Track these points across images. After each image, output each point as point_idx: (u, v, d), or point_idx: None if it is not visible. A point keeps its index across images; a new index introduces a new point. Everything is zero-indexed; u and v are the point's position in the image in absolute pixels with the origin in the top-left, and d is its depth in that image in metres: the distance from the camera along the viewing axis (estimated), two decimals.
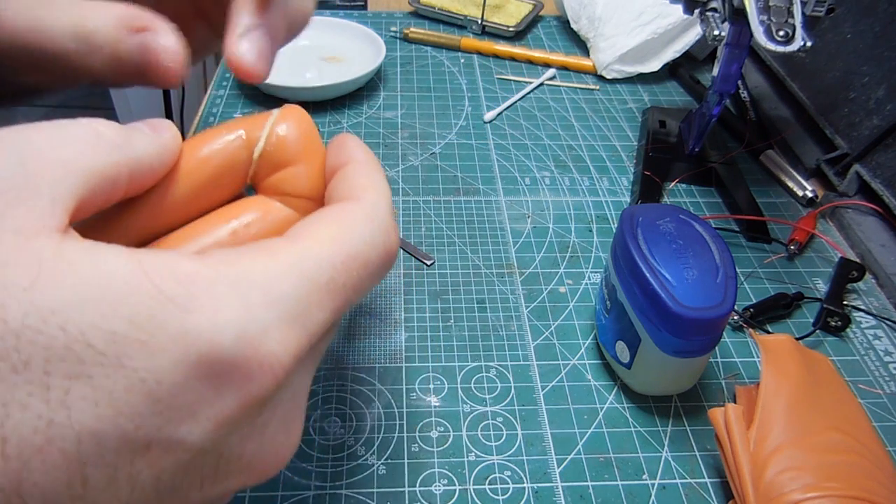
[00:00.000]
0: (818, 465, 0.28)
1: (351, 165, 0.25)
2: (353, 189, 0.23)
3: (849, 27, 0.51)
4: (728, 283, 0.31)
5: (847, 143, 0.49)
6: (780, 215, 0.48)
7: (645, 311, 0.31)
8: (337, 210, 0.22)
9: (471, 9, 0.68)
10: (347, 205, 0.23)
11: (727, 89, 0.45)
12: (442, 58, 0.64)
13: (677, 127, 0.53)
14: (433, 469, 0.32)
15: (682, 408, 0.36)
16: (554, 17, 0.71)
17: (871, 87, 0.48)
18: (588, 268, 0.43)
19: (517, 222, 0.46)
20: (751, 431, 0.30)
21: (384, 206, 0.23)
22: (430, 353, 0.37)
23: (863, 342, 0.40)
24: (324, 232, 0.21)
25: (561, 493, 0.31)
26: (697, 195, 0.50)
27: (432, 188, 0.48)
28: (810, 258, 0.45)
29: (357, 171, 0.25)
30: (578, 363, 0.37)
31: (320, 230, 0.21)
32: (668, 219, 0.34)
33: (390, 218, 0.24)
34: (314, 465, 0.32)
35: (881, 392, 0.37)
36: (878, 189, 0.46)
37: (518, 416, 0.35)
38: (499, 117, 0.56)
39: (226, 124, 0.24)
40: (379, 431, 0.33)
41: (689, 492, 0.32)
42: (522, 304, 0.41)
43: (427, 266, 0.42)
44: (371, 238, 0.22)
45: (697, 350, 0.32)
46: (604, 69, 0.61)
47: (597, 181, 0.50)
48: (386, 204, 0.24)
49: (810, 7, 0.38)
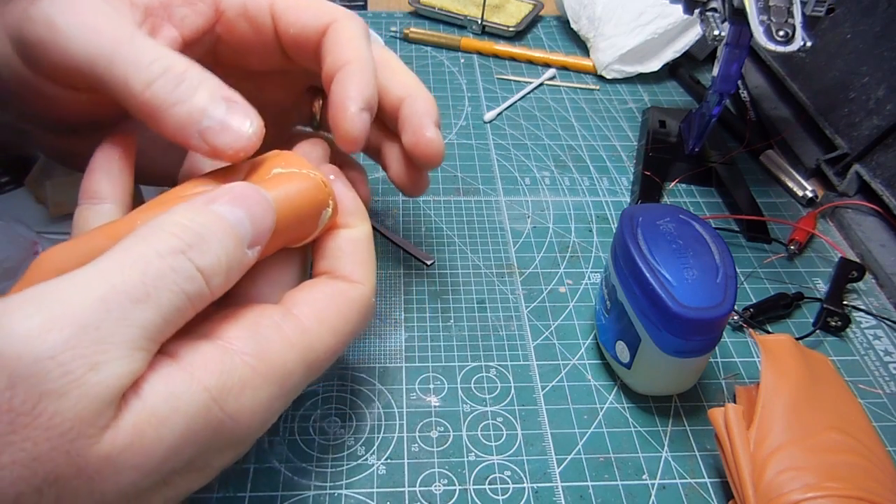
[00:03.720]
0: (818, 465, 0.28)
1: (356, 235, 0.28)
2: (354, 268, 0.27)
3: (849, 27, 0.51)
4: (728, 283, 0.31)
5: (847, 143, 0.49)
6: (780, 215, 0.48)
7: (645, 311, 0.31)
8: (339, 296, 0.26)
9: (471, 9, 0.68)
10: (349, 291, 0.26)
11: (727, 89, 0.45)
12: (442, 58, 0.64)
13: (677, 127, 0.53)
14: (433, 469, 0.32)
15: (682, 408, 0.36)
16: (554, 17, 0.71)
17: (871, 87, 0.48)
18: (588, 268, 0.43)
19: (517, 222, 0.46)
20: (751, 431, 0.30)
21: (375, 292, 0.27)
22: (430, 353, 0.37)
23: (863, 342, 0.40)
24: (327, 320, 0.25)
25: (561, 493, 0.31)
26: (697, 195, 0.50)
27: (432, 188, 0.48)
28: (810, 258, 0.45)
29: (361, 247, 0.28)
30: (578, 363, 0.37)
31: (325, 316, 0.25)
32: (668, 219, 0.34)
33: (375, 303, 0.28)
34: (314, 465, 0.32)
35: (881, 392, 0.37)
36: (878, 189, 0.46)
37: (518, 416, 0.35)
38: (499, 117, 0.56)
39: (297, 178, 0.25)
40: (379, 431, 0.33)
41: (689, 492, 0.32)
42: (522, 304, 0.41)
43: (427, 266, 0.42)
44: (358, 329, 0.26)
45: (697, 350, 0.32)
46: (604, 69, 0.61)
47: (597, 181, 0.50)
48: (375, 289, 0.28)
49: (810, 7, 0.38)
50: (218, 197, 0.22)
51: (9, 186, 0.42)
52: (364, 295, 0.26)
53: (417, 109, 0.31)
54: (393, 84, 0.32)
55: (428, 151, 0.31)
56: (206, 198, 0.22)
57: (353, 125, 0.27)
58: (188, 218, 0.21)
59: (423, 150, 0.31)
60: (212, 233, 0.21)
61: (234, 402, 0.21)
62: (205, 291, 0.21)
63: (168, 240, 0.20)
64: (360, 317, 0.26)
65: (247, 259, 0.22)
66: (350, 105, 0.27)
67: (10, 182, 0.42)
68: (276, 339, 0.23)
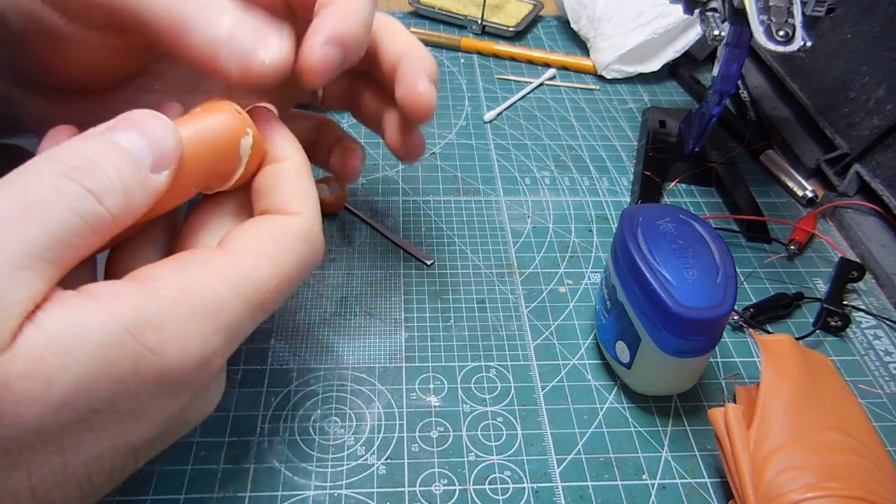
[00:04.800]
0: (818, 465, 0.28)
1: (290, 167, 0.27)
2: (290, 199, 0.26)
3: (849, 27, 0.51)
4: (728, 283, 0.31)
5: (847, 143, 0.49)
6: (780, 215, 0.48)
7: (645, 311, 0.31)
8: (277, 227, 0.25)
9: (471, 9, 0.68)
10: (287, 222, 0.25)
11: (727, 89, 0.45)
12: (442, 58, 0.64)
13: (677, 127, 0.53)
14: (433, 469, 0.32)
15: (682, 408, 0.36)
16: (554, 17, 0.71)
17: (871, 87, 0.48)
18: (588, 268, 0.43)
19: (517, 222, 0.46)
20: (751, 431, 0.30)
21: (318, 221, 0.26)
22: (430, 353, 0.37)
23: (863, 342, 0.40)
24: (264, 251, 0.24)
25: (561, 493, 0.31)
26: (697, 195, 0.50)
27: (432, 188, 0.48)
28: (810, 258, 0.45)
29: (295, 177, 0.26)
30: (578, 363, 0.37)
31: (261, 248, 0.24)
32: (668, 219, 0.34)
33: (321, 233, 0.26)
34: (314, 465, 0.32)
35: (881, 392, 0.37)
36: (878, 189, 0.46)
37: (518, 416, 0.35)
38: (499, 117, 0.56)
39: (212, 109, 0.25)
40: (379, 431, 0.33)
41: (689, 492, 0.32)
42: (522, 304, 0.41)
43: (427, 266, 0.42)
44: (306, 259, 0.25)
45: (697, 350, 0.32)
46: (604, 69, 0.61)
47: (597, 181, 0.50)
48: (318, 219, 0.26)
49: (810, 7, 0.38)
50: (114, 126, 0.21)
51: None
52: (303, 224, 0.25)
53: (414, 65, 0.31)
54: (393, 44, 0.31)
55: (418, 103, 0.30)
56: (102, 127, 0.21)
57: (312, 54, 0.26)
58: (78, 146, 0.20)
59: (413, 102, 0.30)
60: (101, 156, 0.20)
61: (153, 334, 0.20)
62: (100, 210, 0.20)
63: (53, 166, 0.19)
64: (302, 246, 0.25)
65: (153, 182, 0.21)
66: (315, 34, 0.26)
67: None
68: (203, 272, 0.22)
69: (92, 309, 0.19)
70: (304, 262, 0.25)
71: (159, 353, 0.20)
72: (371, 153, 0.51)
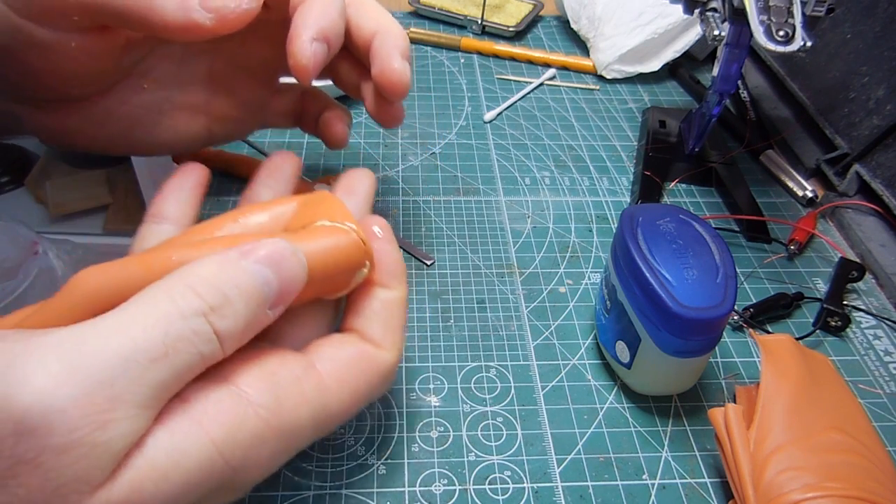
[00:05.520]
0: (818, 465, 0.28)
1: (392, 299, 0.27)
2: (385, 333, 0.26)
3: (849, 27, 0.51)
4: (728, 283, 0.31)
5: (847, 143, 0.49)
6: (780, 215, 0.48)
7: (645, 311, 0.31)
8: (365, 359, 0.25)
9: (471, 9, 0.68)
10: (376, 356, 0.26)
11: (727, 89, 0.45)
12: (442, 58, 0.64)
13: (677, 127, 0.53)
14: (433, 469, 0.32)
15: (682, 408, 0.36)
16: (554, 17, 0.71)
17: (871, 87, 0.48)
18: (588, 268, 0.43)
19: (517, 222, 0.46)
20: (751, 431, 0.30)
21: (400, 359, 0.27)
22: (430, 353, 0.37)
23: (863, 342, 0.40)
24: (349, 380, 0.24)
25: (561, 493, 0.31)
26: (697, 195, 0.50)
27: (432, 188, 0.48)
28: (810, 258, 0.45)
29: (395, 311, 0.27)
30: (578, 363, 0.37)
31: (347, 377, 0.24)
32: (668, 219, 0.34)
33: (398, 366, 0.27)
34: (314, 465, 0.32)
35: (881, 392, 0.37)
36: (878, 189, 0.46)
37: (518, 416, 0.35)
38: (499, 117, 0.56)
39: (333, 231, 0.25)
40: (379, 431, 0.33)
41: (689, 492, 0.32)
42: (522, 304, 0.41)
43: (427, 266, 0.42)
44: (378, 394, 0.26)
45: (697, 350, 0.32)
46: (604, 69, 0.61)
47: (597, 181, 0.50)
48: (401, 357, 0.27)
49: (810, 7, 0.38)
50: (251, 252, 0.22)
51: (9, 186, 0.42)
52: (389, 362, 0.26)
53: (387, 42, 0.31)
54: (365, 21, 0.32)
55: (393, 80, 0.31)
56: (239, 251, 0.22)
57: (304, 53, 0.27)
58: (215, 274, 0.21)
59: (388, 80, 0.31)
60: (237, 293, 0.21)
61: (240, 455, 0.21)
62: (218, 353, 0.21)
63: (193, 300, 0.20)
64: (381, 382, 0.26)
65: (266, 319, 0.22)
66: (303, 33, 0.27)
67: (10, 182, 0.42)
68: (294, 394, 0.23)
69: (192, 432, 0.20)
70: (374, 396, 0.26)
71: (241, 472, 0.21)
72: (371, 153, 0.51)
